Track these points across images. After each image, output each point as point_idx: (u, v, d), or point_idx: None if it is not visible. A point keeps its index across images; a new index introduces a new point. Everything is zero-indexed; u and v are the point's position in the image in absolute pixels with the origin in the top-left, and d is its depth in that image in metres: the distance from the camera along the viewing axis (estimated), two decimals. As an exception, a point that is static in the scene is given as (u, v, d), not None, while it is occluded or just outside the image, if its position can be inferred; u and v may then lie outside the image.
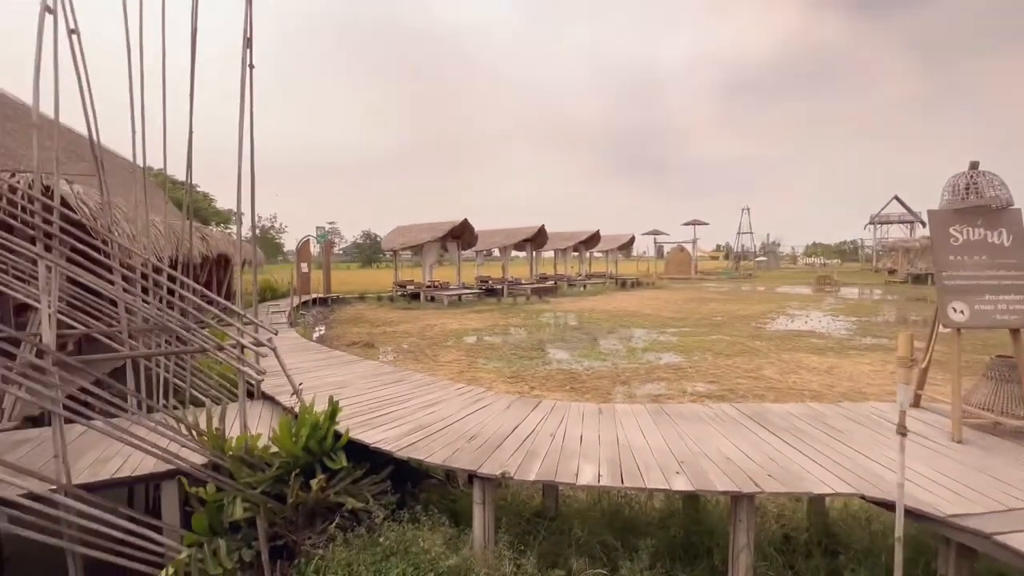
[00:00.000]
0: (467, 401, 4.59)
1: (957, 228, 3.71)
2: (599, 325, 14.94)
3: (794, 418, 3.96)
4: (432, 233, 22.05)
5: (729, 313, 17.21)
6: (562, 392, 7.71)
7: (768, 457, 3.19)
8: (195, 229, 8.91)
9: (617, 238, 34.50)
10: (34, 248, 3.03)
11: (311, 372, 5.91)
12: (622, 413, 4.17)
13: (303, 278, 21.07)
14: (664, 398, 7.35)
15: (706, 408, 4.35)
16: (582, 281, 29.68)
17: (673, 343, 11.74)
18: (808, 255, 77.72)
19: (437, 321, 15.89)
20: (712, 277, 41.28)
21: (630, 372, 8.96)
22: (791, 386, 7.81)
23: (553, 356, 10.44)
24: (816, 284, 29.60)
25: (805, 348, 10.78)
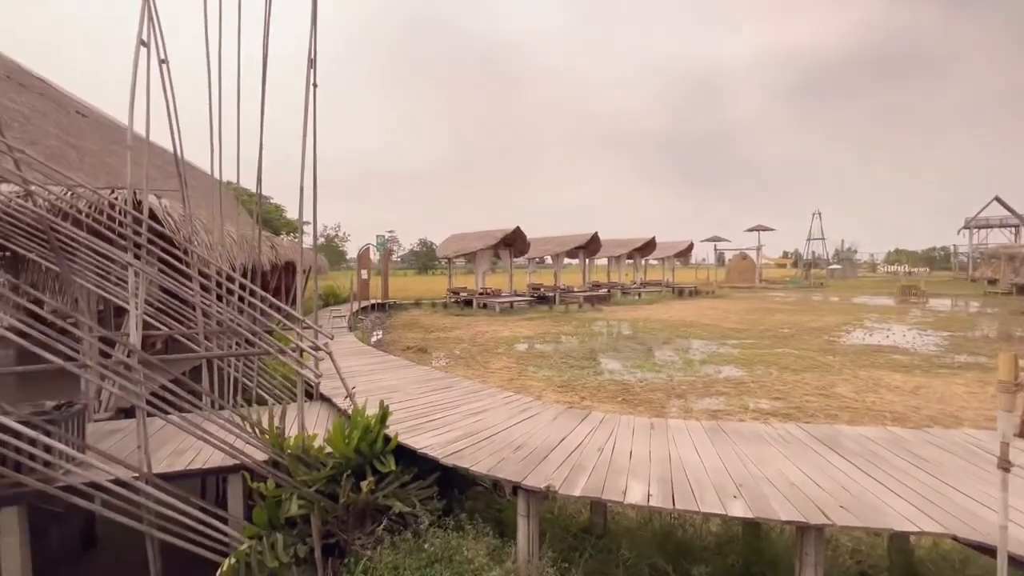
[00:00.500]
0: (514, 410, 4.57)
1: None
2: (654, 335, 14.45)
3: (871, 443, 3.59)
4: (484, 241, 22.35)
5: (797, 325, 16.08)
6: (613, 404, 7.50)
7: (840, 485, 2.90)
8: (265, 238, 9.57)
9: (674, 245, 33.34)
10: (126, 256, 3.36)
11: (365, 376, 6.13)
12: (675, 429, 3.97)
13: (362, 284, 22.04)
14: (723, 414, 6.96)
15: (768, 427, 4.05)
16: (637, 289, 28.92)
17: (734, 355, 11.12)
18: (890, 263, 71.13)
19: (489, 328, 16.04)
20: (778, 286, 38.82)
21: (686, 385, 8.57)
22: (869, 407, 7.14)
23: (605, 366, 10.21)
24: (900, 295, 26.97)
25: (886, 365, 9.84)
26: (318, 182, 4.71)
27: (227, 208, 9.13)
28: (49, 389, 5.35)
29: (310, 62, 4.16)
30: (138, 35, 3.86)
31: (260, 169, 4.82)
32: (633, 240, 29.82)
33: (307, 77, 4.15)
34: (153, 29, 4.08)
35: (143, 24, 3.93)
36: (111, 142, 10.19)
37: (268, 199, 30.97)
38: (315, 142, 4.70)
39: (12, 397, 5.17)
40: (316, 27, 4.37)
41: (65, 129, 8.76)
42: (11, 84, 7.82)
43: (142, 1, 3.95)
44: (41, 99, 8.71)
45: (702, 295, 29.98)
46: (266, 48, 4.51)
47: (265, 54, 4.49)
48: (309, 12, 4.37)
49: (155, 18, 4.08)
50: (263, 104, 4.61)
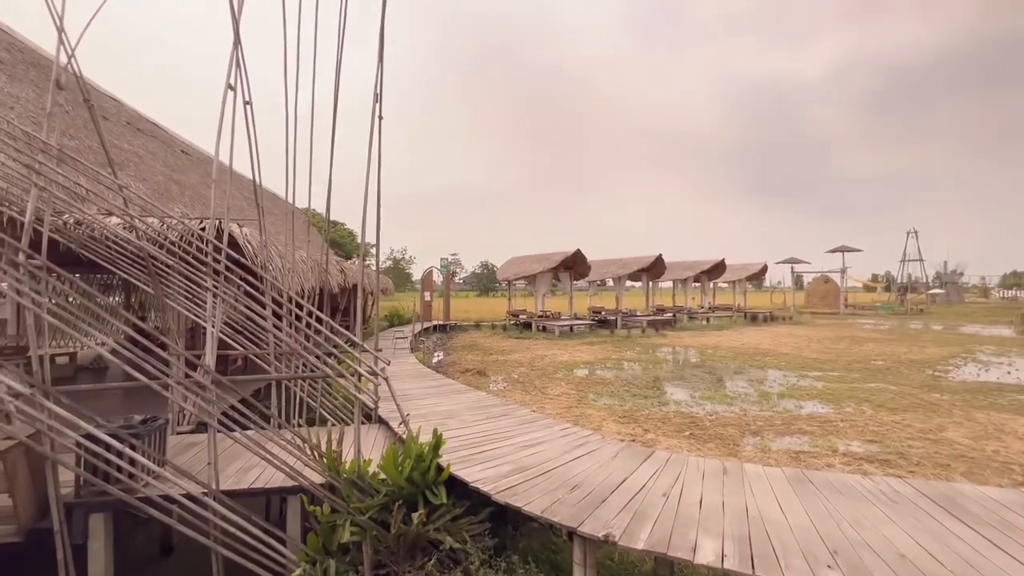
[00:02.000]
0: (571, 444, 4.33)
1: None
2: (724, 363, 13.51)
3: (1001, 507, 2.98)
4: (544, 264, 22.28)
5: (893, 356, 14.39)
6: (680, 439, 6.99)
7: (964, 560, 2.40)
8: (335, 262, 10.12)
9: (746, 267, 31.41)
10: (206, 281, 3.61)
11: (422, 400, 6.15)
12: (753, 475, 3.55)
13: (425, 306, 22.68)
14: (807, 457, 6.25)
15: (865, 480, 3.51)
16: (704, 314, 27.42)
17: (818, 389, 10.09)
18: (1006, 286, 62.43)
19: (548, 352, 15.81)
20: (868, 312, 35.22)
21: (763, 421, 7.83)
22: (990, 456, 6.12)
23: (671, 396, 9.62)
24: (1020, 324, 23.43)
25: (1010, 407, 8.46)
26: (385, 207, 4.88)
27: (303, 234, 9.78)
28: (147, 403, 5.87)
29: (375, 96, 4.36)
30: (227, 80, 4.24)
31: (329, 199, 5.08)
32: (700, 262, 28.47)
33: (372, 111, 4.35)
34: (240, 74, 4.47)
35: (231, 70, 4.32)
36: (207, 176, 11.37)
37: (341, 224, 33.05)
38: (379, 171, 4.90)
39: (117, 410, 5.73)
40: (382, 64, 4.59)
41: (171, 166, 9.87)
42: (129, 129, 8.97)
43: (231, 49, 4.36)
44: (153, 141, 9.91)
45: (778, 321, 27.82)
46: (337, 85, 4.80)
47: (336, 92, 4.77)
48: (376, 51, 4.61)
49: (242, 65, 4.49)
50: (333, 137, 4.89)
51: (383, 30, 4.44)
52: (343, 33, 4.61)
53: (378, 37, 4.57)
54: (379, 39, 4.56)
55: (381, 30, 4.55)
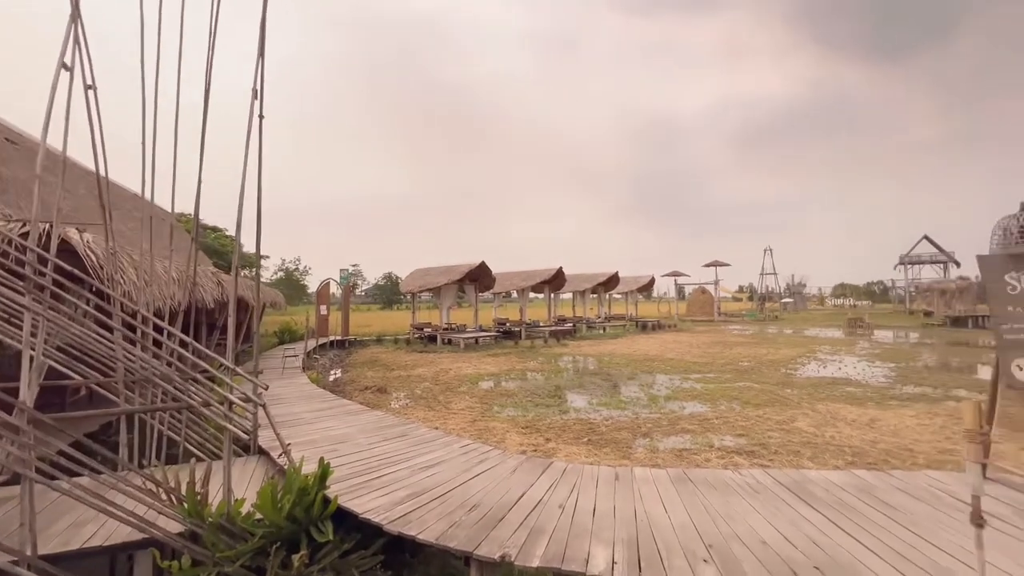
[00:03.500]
0: (471, 461, 4.24)
1: (1013, 275, 3.33)
2: (619, 370, 14.37)
3: (840, 489, 3.48)
4: (449, 276, 22.09)
5: (756, 358, 16.42)
6: (579, 446, 7.22)
7: (812, 542, 2.74)
8: (210, 274, 9.00)
9: (637, 279, 34.05)
10: (19, 298, 2.94)
11: (313, 424, 5.65)
12: (641, 479, 3.75)
13: (321, 321, 21.19)
14: (689, 453, 6.79)
15: (735, 474, 3.89)
16: (601, 323, 29.12)
17: (698, 390, 11.11)
18: (836, 296, 75.24)
19: (452, 365, 15.58)
20: (736, 319, 40.08)
21: (652, 423, 8.40)
22: (829, 441, 7.15)
23: (571, 404, 9.95)
24: (847, 327, 28.29)
25: (841, 397, 10.03)
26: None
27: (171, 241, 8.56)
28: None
29: (254, 93, 3.95)
30: (60, 58, 3.55)
31: (198, 198, 4.48)
32: (597, 275, 30.26)
33: (251, 108, 3.93)
34: (79, 54, 3.78)
35: (67, 48, 3.63)
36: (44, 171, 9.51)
37: (222, 231, 29.77)
38: (260, 172, 4.45)
39: None
40: (263, 59, 4.19)
41: (-13, 156, 8.08)
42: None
43: (68, 24, 3.67)
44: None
45: (664, 329, 30.48)
46: (209, 75, 4.28)
47: (208, 81, 4.25)
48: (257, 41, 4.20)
49: (82, 42, 3.80)
50: (203, 136, 4.34)
51: (264, 21, 4.07)
52: (216, 19, 4.13)
53: (259, 29, 4.17)
54: (260, 31, 4.16)
55: (262, 21, 4.16)
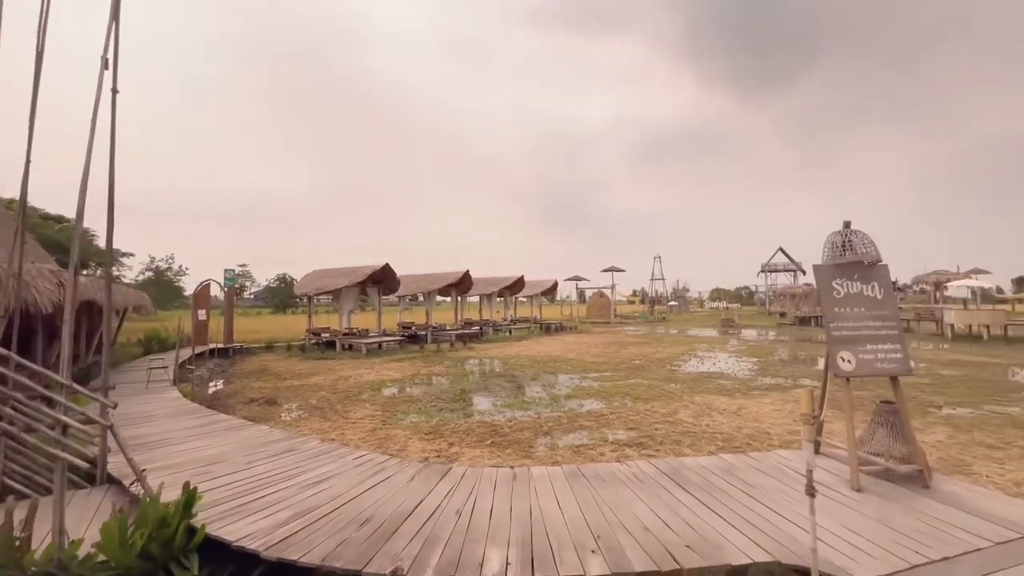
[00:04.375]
0: (366, 473, 4.03)
1: (839, 281, 3.99)
2: (524, 371, 14.70)
3: (709, 473, 3.88)
4: (350, 277, 20.97)
5: (646, 356, 17.81)
6: (482, 448, 7.23)
7: (686, 523, 3.01)
8: (50, 273, 7.55)
9: (541, 283, 35.23)
10: None
11: (181, 444, 4.99)
12: (538, 478, 3.85)
13: (199, 326, 18.92)
14: (586, 448, 7.13)
15: (623, 467, 4.17)
16: (507, 326, 29.64)
17: (595, 388, 11.74)
18: (712, 300, 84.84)
19: (353, 372, 14.79)
20: (630, 321, 43.23)
21: (553, 422, 8.70)
22: (704, 429, 7.94)
23: (476, 407, 9.95)
24: (721, 327, 32.01)
25: (715, 390, 11.23)
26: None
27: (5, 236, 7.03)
28: None
29: (104, 63, 3.37)
30: None
31: (26, 180, 3.73)
32: (503, 278, 30.76)
33: (99, 79, 3.34)
34: None
35: None
36: None
37: (68, 222, 25.25)
38: (112, 156, 3.83)
39: None
40: (117, 23, 3.62)
41: None
42: None
43: None
44: None
45: (567, 330, 31.89)
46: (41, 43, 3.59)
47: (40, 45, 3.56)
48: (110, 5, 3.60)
49: None
50: (34, 103, 3.63)
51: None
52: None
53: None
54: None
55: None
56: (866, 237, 4.04)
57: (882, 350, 3.80)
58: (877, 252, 4.07)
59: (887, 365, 3.80)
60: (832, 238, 4.15)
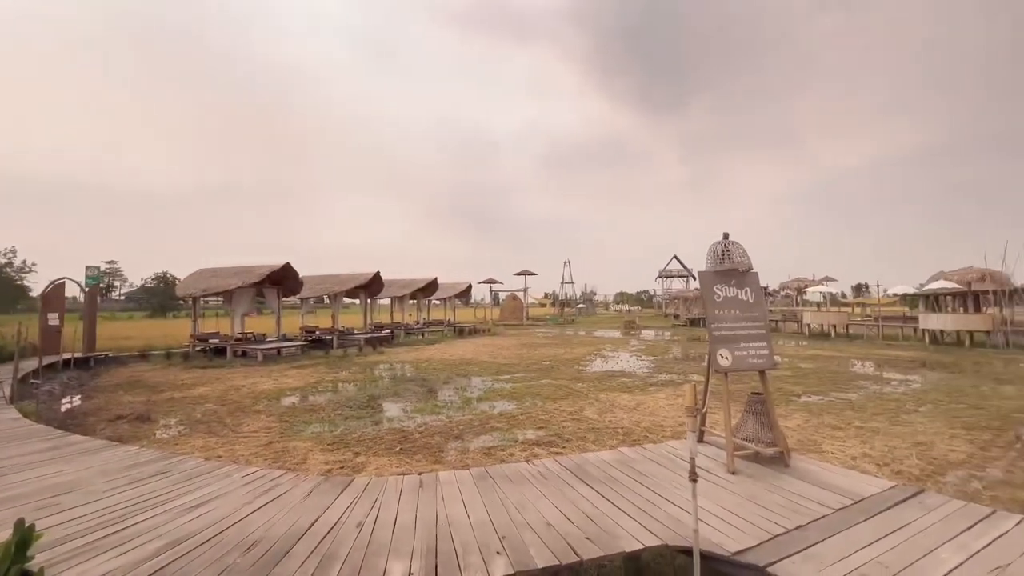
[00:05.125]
0: (256, 491, 3.68)
1: (719, 286, 4.47)
2: (436, 375, 14.50)
3: (609, 466, 4.12)
4: (244, 278, 19.16)
5: (556, 357, 18.48)
6: (390, 456, 7.00)
7: (587, 516, 3.16)
8: None
9: (455, 286, 35.05)
10: None
11: (21, 473, 4.19)
12: (446, 483, 3.80)
13: (50, 332, 16.12)
14: (496, 450, 7.20)
15: (530, 466, 4.27)
16: (420, 329, 29.05)
17: (507, 390, 11.91)
18: (617, 303, 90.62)
19: (246, 381, 13.54)
20: (541, 323, 44.61)
21: (464, 425, 8.68)
22: (607, 425, 8.41)
23: (385, 413, 9.61)
24: (624, 328, 34.27)
25: (617, 387, 11.96)
26: None
27: None
28: None
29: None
30: None
31: None
32: (416, 280, 30.13)
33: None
34: None
35: None
36: None
37: None
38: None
39: None
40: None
41: None
42: None
43: None
44: None
45: (480, 333, 32.05)
46: None
47: None
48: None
49: None
50: None
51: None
52: None
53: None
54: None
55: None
56: (741, 247, 4.57)
57: (753, 347, 4.32)
58: (750, 261, 4.62)
59: (757, 361, 4.33)
60: (713, 247, 4.63)
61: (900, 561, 2.64)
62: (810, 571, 2.53)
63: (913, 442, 6.87)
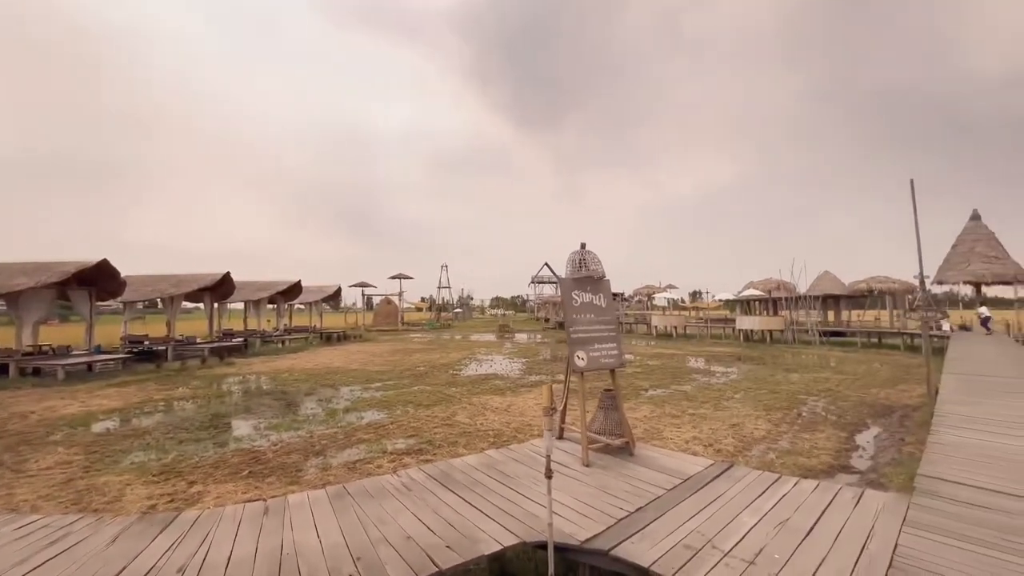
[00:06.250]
0: (36, 545, 2.92)
1: (577, 292, 4.82)
2: (297, 387, 13.26)
3: (474, 470, 4.15)
4: (38, 277, 15.38)
5: (431, 363, 18.23)
6: (236, 482, 6.18)
7: (449, 524, 3.13)
8: None
9: (322, 289, 32.52)
10: None
11: None
12: (296, 506, 3.46)
13: None
14: (363, 463, 6.82)
15: (394, 478, 4.11)
16: (280, 337, 26.32)
17: (377, 399, 11.39)
18: (493, 307, 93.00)
19: (39, 406, 10.90)
20: (417, 328, 43.73)
21: (328, 439, 8.06)
22: (479, 428, 8.52)
23: (233, 433, 8.49)
24: (498, 332, 35.24)
25: (490, 390, 12.21)
26: None
27: None
28: None
29: None
30: None
31: None
32: (276, 283, 27.30)
33: None
34: None
35: None
36: None
37: None
38: None
39: None
40: None
41: None
42: None
43: None
44: None
45: (351, 339, 30.21)
46: None
47: None
48: None
49: None
50: None
51: None
52: None
53: None
54: None
55: None
56: (595, 256, 5.00)
57: (605, 348, 4.75)
58: (603, 269, 5.08)
59: (608, 360, 4.77)
60: (572, 256, 5.00)
61: (714, 528, 3.11)
62: (645, 548, 2.84)
63: (730, 424, 8.19)
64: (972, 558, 2.60)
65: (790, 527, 3.11)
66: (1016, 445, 4.66)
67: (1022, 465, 4.05)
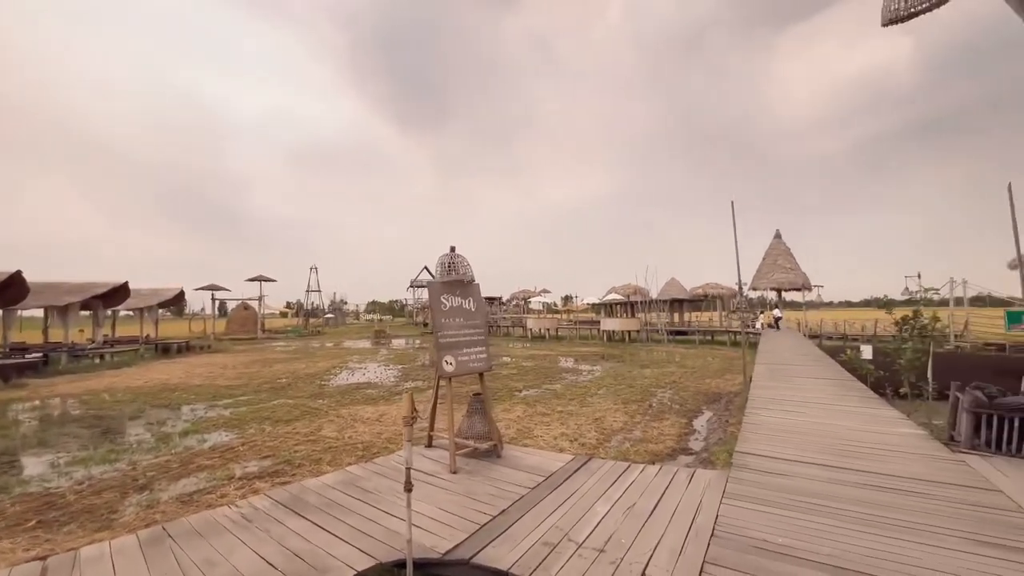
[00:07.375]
0: None
1: (445, 296, 4.74)
2: (119, 409, 11.06)
3: (330, 490, 3.81)
4: None
5: (294, 373, 16.65)
6: (17, 536, 4.88)
7: (294, 555, 2.80)
8: None
9: (157, 293, 27.65)
10: None
11: None
12: (90, 560, 2.78)
13: None
14: (201, 495, 5.88)
15: (230, 509, 3.57)
16: (98, 350, 21.75)
17: (226, 417, 10.00)
18: (368, 312, 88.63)
19: None
20: (281, 335, 39.70)
21: (156, 469, 6.82)
22: (347, 442, 7.94)
23: (16, 475, 6.74)
24: (374, 338, 33.61)
25: (362, 400, 11.53)
26: None
27: None
28: None
29: None
30: None
31: None
32: (92, 285, 22.53)
33: None
34: None
35: None
36: None
37: None
38: None
39: None
40: None
41: None
42: None
43: None
44: None
45: (196, 350, 26.21)
46: None
47: None
48: None
49: None
50: None
51: None
52: None
53: None
54: None
55: None
56: (465, 260, 4.98)
57: (474, 352, 4.75)
58: (472, 272, 5.09)
59: (477, 364, 4.77)
60: (442, 259, 4.92)
61: (570, 522, 3.26)
62: (506, 551, 2.86)
63: (593, 418, 8.83)
64: (776, 519, 3.10)
65: (636, 511, 3.40)
66: (804, 420, 5.77)
67: (808, 437, 5.01)
